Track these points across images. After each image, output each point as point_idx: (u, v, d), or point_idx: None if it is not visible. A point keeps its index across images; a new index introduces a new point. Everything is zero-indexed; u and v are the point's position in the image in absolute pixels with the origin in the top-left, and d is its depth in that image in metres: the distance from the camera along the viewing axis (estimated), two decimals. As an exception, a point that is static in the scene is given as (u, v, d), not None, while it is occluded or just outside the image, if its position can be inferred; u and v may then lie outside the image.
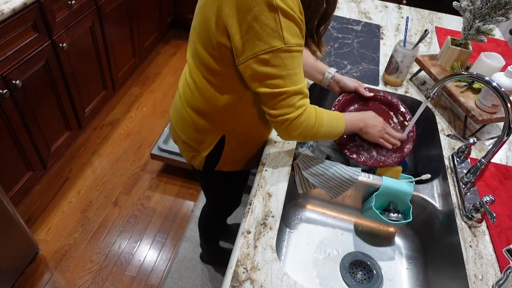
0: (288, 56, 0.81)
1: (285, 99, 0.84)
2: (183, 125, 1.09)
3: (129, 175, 2.12)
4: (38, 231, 1.82)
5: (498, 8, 1.20)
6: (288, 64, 0.81)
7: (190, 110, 1.03)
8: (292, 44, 0.80)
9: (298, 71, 0.84)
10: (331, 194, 1.07)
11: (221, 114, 0.99)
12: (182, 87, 1.06)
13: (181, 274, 1.73)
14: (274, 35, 0.77)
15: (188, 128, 1.08)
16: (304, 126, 0.88)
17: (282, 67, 0.81)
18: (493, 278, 0.86)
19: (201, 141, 1.07)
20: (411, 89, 1.38)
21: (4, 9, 1.41)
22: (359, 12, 1.82)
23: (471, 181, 1.01)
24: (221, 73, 0.91)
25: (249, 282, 0.78)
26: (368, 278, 1.04)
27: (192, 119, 1.04)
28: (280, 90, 0.83)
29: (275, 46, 0.78)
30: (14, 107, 1.58)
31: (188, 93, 1.02)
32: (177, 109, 1.10)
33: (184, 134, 1.10)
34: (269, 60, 0.80)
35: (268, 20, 0.76)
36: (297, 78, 0.84)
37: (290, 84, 0.83)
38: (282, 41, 0.78)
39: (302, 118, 0.87)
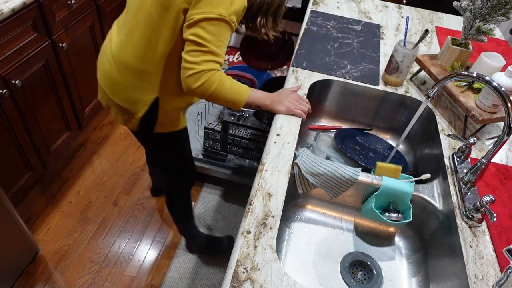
0: (224, 27, 0.97)
1: (203, 53, 0.97)
2: (116, 88, 1.15)
3: (129, 175, 2.12)
4: (38, 231, 1.82)
5: (498, 8, 1.20)
6: (221, 32, 0.97)
7: (123, 70, 1.10)
8: (232, 20, 0.97)
9: (225, 43, 1.00)
10: (331, 194, 1.07)
11: (156, 72, 1.09)
12: (115, 47, 1.12)
13: (181, 274, 1.73)
14: (224, 5, 0.95)
15: (121, 90, 1.14)
16: (205, 82, 0.99)
17: (216, 31, 0.96)
18: (493, 278, 0.86)
19: (135, 102, 1.14)
20: (411, 89, 1.38)
21: (4, 8, 1.41)
22: (359, 12, 1.82)
23: (471, 181, 1.01)
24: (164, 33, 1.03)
25: (249, 282, 0.78)
26: (368, 278, 1.04)
27: (126, 80, 1.11)
28: (204, 42, 0.96)
29: (220, 13, 0.95)
30: (14, 107, 1.58)
31: (124, 52, 1.10)
32: (108, 73, 1.15)
33: (118, 97, 1.16)
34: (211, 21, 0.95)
35: None
36: (221, 45, 0.99)
37: (214, 45, 0.97)
38: (227, 12, 0.95)
39: (206, 74, 0.98)
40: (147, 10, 1.03)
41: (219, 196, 2.06)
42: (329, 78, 1.36)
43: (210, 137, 1.95)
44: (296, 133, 1.13)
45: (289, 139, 1.11)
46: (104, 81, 1.18)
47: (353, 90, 1.38)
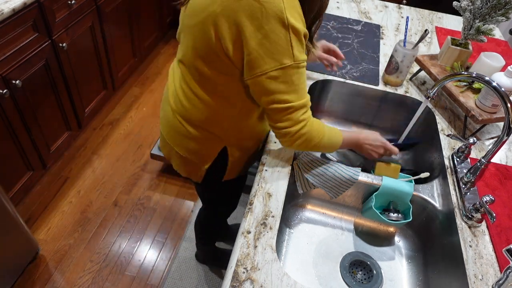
0: (296, 73, 0.83)
1: (290, 113, 0.86)
2: (180, 139, 1.04)
3: (129, 175, 2.12)
4: (38, 231, 1.82)
5: (498, 8, 1.20)
6: (295, 80, 0.83)
7: (187, 123, 1.00)
8: (300, 60, 0.82)
9: (303, 86, 0.86)
10: (331, 194, 1.07)
11: (222, 125, 0.98)
12: (175, 100, 1.01)
13: (181, 274, 1.73)
14: (285, 52, 0.79)
15: (186, 142, 1.04)
16: (305, 138, 0.90)
17: (290, 83, 0.83)
18: (493, 278, 0.86)
19: (201, 154, 1.05)
20: (411, 89, 1.38)
21: (4, 9, 1.41)
22: (359, 12, 1.82)
23: (471, 181, 1.01)
24: (223, 86, 0.90)
25: (249, 282, 0.78)
26: (368, 278, 1.04)
27: (191, 133, 1.01)
28: (287, 105, 0.85)
29: (285, 64, 0.80)
30: (14, 107, 1.58)
31: (187, 106, 0.98)
32: (170, 123, 1.05)
33: (182, 149, 1.06)
34: (279, 77, 0.81)
35: (279, 39, 0.77)
36: (302, 93, 0.86)
37: (296, 99, 0.85)
38: (292, 59, 0.80)
39: (304, 130, 0.89)
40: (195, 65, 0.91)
41: (219, 196, 2.06)
42: (329, 78, 1.36)
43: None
44: (296, 133, 1.13)
45: (289, 139, 1.11)
46: (165, 128, 1.08)
47: (353, 90, 1.38)
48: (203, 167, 1.07)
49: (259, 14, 0.75)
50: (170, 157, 1.14)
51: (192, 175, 1.12)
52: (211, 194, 1.28)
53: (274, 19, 0.76)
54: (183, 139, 1.04)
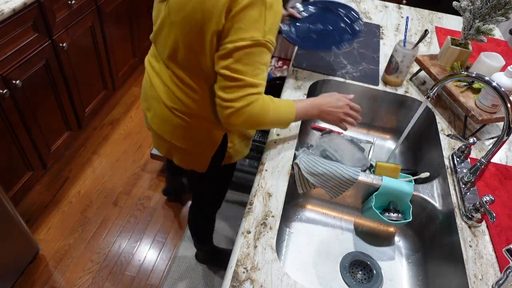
0: (260, 51, 0.86)
1: (239, 87, 0.87)
2: (182, 133, 1.05)
3: (129, 175, 2.12)
4: (38, 231, 1.82)
5: (498, 8, 1.20)
6: (258, 58, 0.86)
7: (188, 116, 1.01)
8: (269, 40, 0.86)
9: (264, 69, 0.89)
10: (331, 194, 1.07)
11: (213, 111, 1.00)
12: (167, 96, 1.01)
13: (181, 274, 1.73)
14: (256, 26, 0.83)
15: (189, 135, 1.05)
16: (245, 117, 0.90)
17: (251, 60, 0.85)
18: (493, 278, 0.86)
19: (205, 143, 1.06)
20: (411, 89, 1.38)
21: (4, 9, 1.41)
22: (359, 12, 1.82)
23: (471, 181, 1.01)
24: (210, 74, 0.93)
25: (249, 282, 0.78)
26: (368, 278, 1.04)
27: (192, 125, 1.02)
28: (238, 76, 0.86)
29: (253, 38, 0.83)
30: (14, 107, 1.58)
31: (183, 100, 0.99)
32: (167, 120, 1.04)
33: (184, 143, 1.06)
34: (243, 49, 0.84)
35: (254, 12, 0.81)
36: (259, 73, 0.88)
37: (250, 77, 0.87)
38: (261, 34, 0.84)
39: (245, 110, 0.89)
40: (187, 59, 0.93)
41: (219, 196, 2.07)
42: (329, 78, 1.37)
43: (210, 137, 1.95)
44: (296, 133, 1.13)
45: (289, 139, 1.11)
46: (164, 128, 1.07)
47: (353, 90, 1.38)
48: (208, 155, 1.08)
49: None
50: (171, 154, 1.14)
51: (196, 166, 1.13)
52: (211, 182, 1.29)
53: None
54: (186, 133, 1.05)
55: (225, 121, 0.92)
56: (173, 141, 1.08)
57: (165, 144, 1.12)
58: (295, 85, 1.31)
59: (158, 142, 1.15)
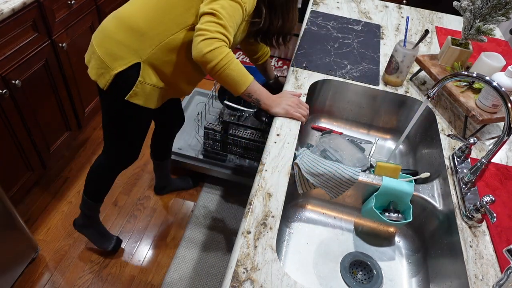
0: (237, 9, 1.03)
1: (217, 24, 0.99)
2: (104, 39, 1.15)
3: (129, 175, 2.12)
4: (38, 231, 1.82)
5: (498, 8, 1.20)
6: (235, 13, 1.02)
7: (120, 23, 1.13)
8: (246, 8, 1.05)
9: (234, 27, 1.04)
10: (331, 194, 1.07)
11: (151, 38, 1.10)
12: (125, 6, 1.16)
13: (181, 274, 1.73)
14: None
15: (107, 42, 1.14)
16: (216, 48, 0.99)
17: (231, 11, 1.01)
18: (493, 278, 0.86)
19: (115, 58, 1.13)
20: (411, 89, 1.38)
21: (4, 9, 1.41)
22: (359, 12, 1.82)
23: (471, 181, 1.01)
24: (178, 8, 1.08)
25: (249, 282, 0.78)
26: (368, 278, 1.04)
27: (117, 33, 1.13)
28: (220, 15, 0.99)
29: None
30: (14, 107, 1.58)
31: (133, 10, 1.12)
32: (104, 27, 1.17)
33: (101, 49, 1.15)
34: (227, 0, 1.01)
35: None
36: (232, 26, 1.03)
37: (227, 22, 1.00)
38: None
39: (218, 42, 1.00)
40: None
41: (219, 196, 2.06)
42: (329, 78, 1.36)
43: (210, 137, 1.95)
44: (296, 133, 1.13)
45: (289, 139, 1.11)
46: (97, 33, 1.20)
47: (353, 90, 1.38)
48: (112, 72, 1.14)
49: None
50: (90, 61, 1.22)
51: (100, 79, 1.18)
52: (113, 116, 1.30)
53: None
54: (107, 39, 1.15)
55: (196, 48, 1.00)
56: (95, 46, 1.18)
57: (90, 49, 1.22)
58: (295, 85, 1.31)
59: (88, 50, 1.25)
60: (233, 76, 1.05)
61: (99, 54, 1.16)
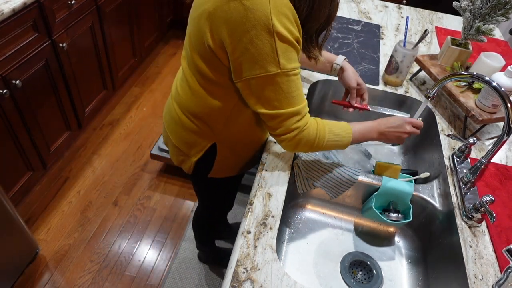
0: (285, 81, 0.81)
1: (282, 121, 0.86)
2: (174, 127, 1.07)
3: (129, 175, 2.12)
4: (38, 231, 1.82)
5: (498, 8, 1.20)
6: (284, 88, 0.82)
7: (181, 112, 1.02)
8: (289, 69, 0.80)
9: (295, 94, 0.85)
10: (331, 194, 1.07)
11: (213, 119, 0.98)
12: (175, 89, 1.05)
13: (181, 274, 1.73)
14: (270, 60, 0.77)
15: (178, 131, 1.06)
16: (303, 143, 0.90)
17: (278, 91, 0.82)
18: (493, 278, 0.86)
19: (191, 145, 1.06)
20: (411, 89, 1.38)
21: (4, 9, 1.41)
22: (359, 12, 1.82)
23: (471, 181, 1.01)
24: (215, 81, 0.90)
25: (249, 282, 0.78)
26: (368, 278, 1.04)
27: (183, 122, 1.02)
28: (276, 112, 0.84)
29: (270, 71, 0.79)
30: (14, 107, 1.58)
31: (182, 95, 1.00)
32: (169, 111, 1.09)
33: (175, 137, 1.09)
34: (266, 83, 0.80)
35: (264, 45, 0.76)
36: (294, 100, 0.85)
37: (287, 106, 0.84)
38: (278, 67, 0.78)
39: (299, 136, 0.88)
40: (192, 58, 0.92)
41: (219, 196, 2.06)
42: (329, 78, 1.36)
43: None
44: (296, 133, 1.13)
45: (289, 139, 1.11)
46: (166, 117, 1.12)
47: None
48: (192, 159, 1.08)
49: (244, 19, 0.74)
50: (167, 144, 1.18)
51: (183, 165, 1.14)
52: (202, 190, 1.30)
53: (259, 25, 0.74)
54: (177, 128, 1.06)
55: (286, 149, 0.93)
56: (168, 132, 1.12)
57: (165, 133, 1.16)
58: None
59: (163, 131, 1.19)
60: (335, 142, 0.95)
61: (174, 142, 1.10)
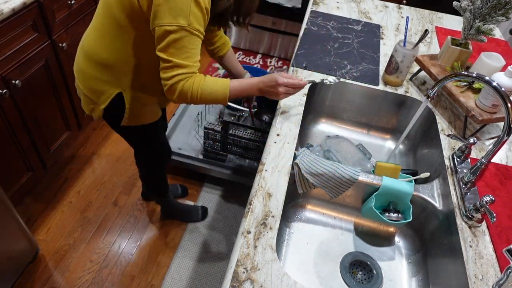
0: (186, 36, 0.96)
1: (169, 68, 0.99)
2: (83, 77, 1.18)
3: (129, 175, 2.12)
4: (38, 231, 1.82)
5: (498, 8, 1.20)
6: (185, 42, 0.97)
7: (91, 60, 1.14)
8: (194, 28, 0.96)
9: (192, 52, 0.99)
10: (331, 194, 1.07)
11: (122, 68, 1.13)
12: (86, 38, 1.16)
13: (181, 274, 1.73)
14: (182, 14, 0.93)
15: (87, 80, 1.17)
16: (177, 93, 1.01)
17: (179, 41, 0.96)
18: (493, 278, 0.86)
19: (98, 93, 1.17)
20: (411, 89, 1.38)
21: (4, 9, 1.41)
22: (359, 12, 1.82)
23: (471, 181, 1.01)
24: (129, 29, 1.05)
25: (249, 282, 0.78)
26: (368, 278, 1.04)
27: (92, 70, 1.15)
28: (169, 58, 0.98)
29: (179, 24, 0.94)
30: (14, 107, 1.58)
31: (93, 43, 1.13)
32: (78, 63, 1.20)
33: (84, 86, 1.19)
34: (172, 32, 0.95)
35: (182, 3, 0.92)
36: (188, 56, 0.99)
37: (179, 59, 0.98)
38: (187, 22, 0.94)
39: (175, 86, 1.00)
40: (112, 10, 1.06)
41: (219, 196, 2.06)
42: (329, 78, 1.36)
43: (210, 137, 1.95)
44: (296, 133, 1.13)
45: (289, 139, 1.11)
46: (75, 68, 1.23)
47: (353, 90, 1.38)
48: (100, 106, 1.20)
49: None
50: (80, 95, 1.26)
51: (93, 113, 1.24)
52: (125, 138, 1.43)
53: None
54: (86, 77, 1.18)
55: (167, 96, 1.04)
56: (77, 82, 1.21)
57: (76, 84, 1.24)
58: (295, 85, 1.30)
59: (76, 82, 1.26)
60: (210, 96, 1.05)
61: (83, 91, 1.21)
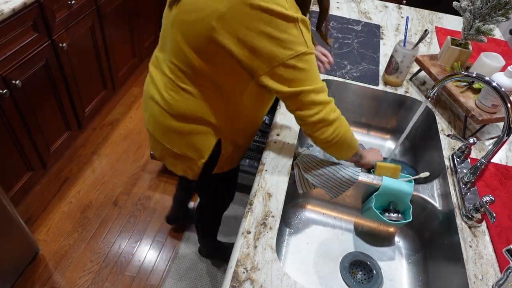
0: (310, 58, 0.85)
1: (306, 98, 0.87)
2: (173, 137, 1.03)
3: (129, 175, 2.12)
4: (38, 231, 1.82)
5: (498, 8, 1.20)
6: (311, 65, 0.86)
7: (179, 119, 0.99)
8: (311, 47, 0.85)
9: (316, 72, 0.88)
10: (331, 194, 1.07)
11: (218, 118, 0.98)
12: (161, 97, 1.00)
13: (181, 274, 1.73)
14: (298, 41, 0.82)
15: (180, 139, 1.02)
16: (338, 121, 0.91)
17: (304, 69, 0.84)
18: (493, 278, 0.86)
19: (196, 149, 1.03)
20: (411, 89, 1.38)
21: (4, 9, 1.41)
22: (359, 12, 1.82)
23: (471, 181, 1.01)
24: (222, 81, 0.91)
25: (249, 282, 0.78)
26: (368, 278, 1.04)
27: (185, 128, 1.00)
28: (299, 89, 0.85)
29: (300, 51, 0.82)
30: (14, 107, 1.58)
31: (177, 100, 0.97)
32: (160, 122, 1.03)
33: (177, 146, 1.04)
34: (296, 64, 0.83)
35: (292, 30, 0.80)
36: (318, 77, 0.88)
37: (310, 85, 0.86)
38: (305, 46, 0.83)
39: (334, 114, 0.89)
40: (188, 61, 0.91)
41: (219, 196, 2.06)
42: (329, 78, 1.36)
43: (210, 137, 1.94)
44: (296, 133, 1.13)
45: (289, 139, 1.11)
46: (157, 129, 1.06)
47: (353, 91, 1.38)
48: (199, 161, 1.05)
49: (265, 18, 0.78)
50: (163, 157, 1.12)
51: (188, 172, 1.10)
52: (206, 188, 1.29)
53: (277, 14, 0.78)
54: (178, 137, 1.02)
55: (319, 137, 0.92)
56: (165, 144, 1.06)
57: (158, 146, 1.09)
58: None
59: (153, 144, 1.13)
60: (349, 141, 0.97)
61: (177, 152, 1.05)
